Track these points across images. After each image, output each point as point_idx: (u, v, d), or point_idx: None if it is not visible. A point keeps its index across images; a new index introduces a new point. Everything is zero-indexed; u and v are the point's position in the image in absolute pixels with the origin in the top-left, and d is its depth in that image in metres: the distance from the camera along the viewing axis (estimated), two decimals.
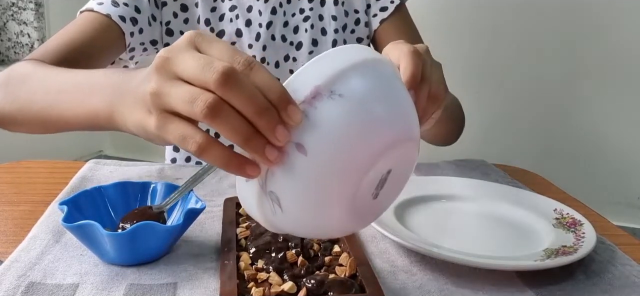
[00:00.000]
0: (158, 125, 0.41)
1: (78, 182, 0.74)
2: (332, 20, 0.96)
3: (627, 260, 0.59)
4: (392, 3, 0.97)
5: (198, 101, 0.37)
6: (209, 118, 0.37)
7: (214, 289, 0.50)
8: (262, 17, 0.93)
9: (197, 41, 0.41)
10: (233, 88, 0.37)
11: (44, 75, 0.66)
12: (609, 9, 2.13)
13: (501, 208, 0.69)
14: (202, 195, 0.70)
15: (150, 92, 0.41)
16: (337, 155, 0.38)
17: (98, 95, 0.53)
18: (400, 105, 0.42)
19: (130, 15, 0.84)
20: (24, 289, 0.48)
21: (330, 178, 0.39)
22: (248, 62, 0.39)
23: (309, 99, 0.38)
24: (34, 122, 0.65)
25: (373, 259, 0.57)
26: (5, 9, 2.47)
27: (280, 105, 0.37)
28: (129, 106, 0.46)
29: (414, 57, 0.53)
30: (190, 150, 0.39)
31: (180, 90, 0.39)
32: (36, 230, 0.60)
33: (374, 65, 0.41)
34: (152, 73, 0.41)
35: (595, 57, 2.18)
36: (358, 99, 0.39)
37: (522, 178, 0.85)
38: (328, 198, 0.40)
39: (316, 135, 0.38)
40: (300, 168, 0.38)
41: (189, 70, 0.39)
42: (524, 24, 2.24)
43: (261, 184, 0.40)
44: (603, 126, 2.23)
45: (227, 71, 0.37)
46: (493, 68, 2.30)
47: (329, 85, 0.38)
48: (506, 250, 0.59)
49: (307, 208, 0.40)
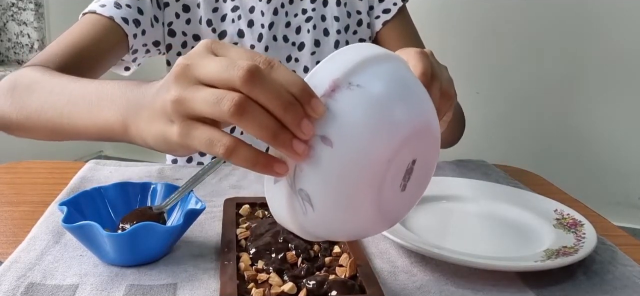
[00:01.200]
0: (182, 133, 0.41)
1: (78, 183, 0.74)
2: (334, 21, 0.96)
3: (627, 261, 0.59)
4: (394, 5, 0.97)
5: (224, 100, 0.38)
6: (237, 116, 0.38)
7: (214, 290, 0.50)
8: (264, 17, 0.92)
9: (214, 47, 0.42)
10: (258, 85, 0.38)
11: (52, 83, 0.65)
12: (609, 10, 2.13)
13: (501, 209, 0.69)
14: (202, 195, 0.70)
15: (171, 100, 0.41)
16: (361, 142, 0.39)
17: (110, 107, 0.52)
18: (417, 94, 0.43)
19: (133, 17, 0.84)
20: (23, 290, 0.48)
21: (357, 167, 0.39)
22: (268, 61, 0.39)
23: (329, 92, 0.39)
24: (43, 130, 0.65)
25: (373, 260, 0.57)
26: (5, 9, 2.47)
27: (304, 99, 0.38)
28: (146, 119, 0.46)
29: (423, 57, 0.54)
30: (218, 153, 0.40)
31: (204, 93, 0.39)
32: (36, 230, 0.59)
33: (388, 59, 0.43)
34: (171, 82, 0.41)
35: (595, 57, 2.18)
36: (376, 88, 0.40)
37: (523, 179, 0.85)
38: (357, 187, 0.40)
39: (339, 126, 0.39)
40: (328, 160, 0.39)
41: (212, 72, 0.39)
42: (525, 25, 2.24)
43: (290, 183, 0.40)
44: (603, 126, 2.23)
45: (251, 68, 0.38)
46: (493, 68, 2.30)
47: (346, 77, 0.40)
48: (507, 251, 0.59)
49: (337, 201, 0.40)
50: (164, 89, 0.43)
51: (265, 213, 0.63)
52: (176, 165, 0.84)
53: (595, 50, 2.18)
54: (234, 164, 0.40)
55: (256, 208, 0.64)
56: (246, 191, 0.74)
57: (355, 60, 0.41)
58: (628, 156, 2.22)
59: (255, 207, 0.65)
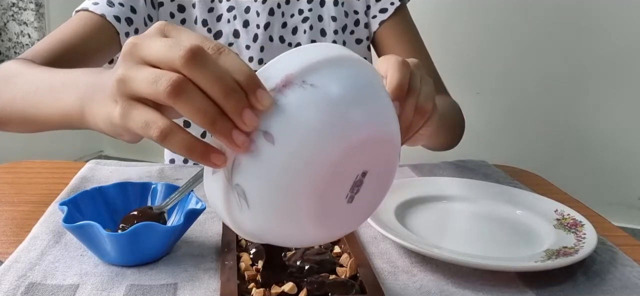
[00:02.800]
0: (122, 114, 0.40)
1: (78, 182, 0.74)
2: (331, 21, 0.95)
3: (627, 261, 0.59)
4: (392, 5, 0.96)
5: (162, 80, 0.36)
6: (173, 96, 0.36)
7: (215, 289, 0.50)
8: (259, 18, 0.92)
9: (166, 29, 0.40)
10: (199, 66, 0.36)
11: (28, 75, 0.64)
12: (608, 9, 2.13)
13: (502, 209, 0.69)
14: (202, 195, 0.70)
15: (116, 79, 0.40)
16: (305, 144, 0.37)
17: (71, 93, 0.51)
18: (376, 104, 0.40)
19: (126, 15, 0.83)
20: (24, 289, 0.48)
21: (297, 169, 0.37)
22: (218, 47, 0.38)
23: (280, 87, 0.37)
24: (15, 121, 0.64)
25: (373, 260, 0.57)
26: (6, 9, 2.47)
27: (249, 88, 0.36)
28: (98, 102, 0.45)
29: (402, 68, 0.52)
30: (152, 136, 0.38)
31: (145, 72, 0.38)
32: (36, 230, 0.59)
33: (352, 63, 0.40)
34: (120, 63, 0.40)
35: (596, 57, 2.18)
36: (331, 90, 0.38)
37: (523, 179, 0.85)
38: (295, 191, 0.38)
39: (285, 124, 0.37)
40: (267, 158, 0.37)
41: (154, 52, 0.38)
42: (525, 25, 2.24)
43: (227, 176, 0.38)
44: (604, 126, 2.23)
45: (194, 48, 0.36)
46: (493, 69, 2.30)
47: (301, 74, 0.37)
48: (507, 251, 0.59)
49: (273, 202, 0.38)
50: (112, 71, 0.42)
51: None
52: (176, 165, 0.84)
53: (595, 50, 2.18)
54: (169, 150, 0.39)
55: None
56: None
57: (316, 58, 0.38)
58: (628, 156, 2.22)
59: None
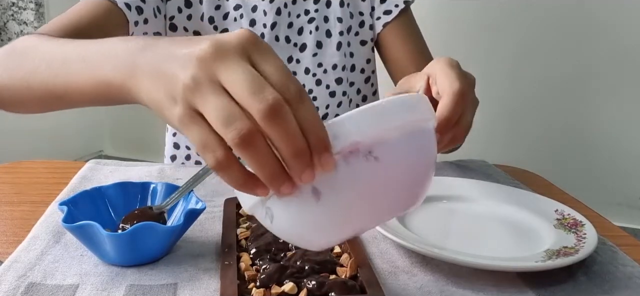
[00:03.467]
0: (181, 120, 0.38)
1: (78, 182, 0.74)
2: (337, 22, 0.95)
3: (628, 261, 0.59)
4: (396, 7, 0.96)
5: (232, 126, 0.35)
6: (239, 147, 0.35)
7: (215, 290, 0.50)
8: (266, 17, 0.92)
9: (251, 49, 0.38)
10: (276, 125, 0.35)
11: (48, 46, 0.60)
12: (609, 10, 2.13)
13: (502, 209, 0.69)
14: (202, 195, 0.70)
15: (184, 84, 0.37)
16: (346, 213, 0.39)
17: (111, 62, 0.47)
18: (422, 183, 0.43)
19: (136, 4, 0.82)
20: (24, 289, 0.48)
21: (328, 228, 0.40)
22: (299, 95, 0.36)
23: (346, 153, 0.37)
24: (33, 98, 0.61)
25: (374, 260, 0.57)
26: (6, 9, 2.47)
27: (317, 150, 0.36)
28: (150, 80, 0.42)
29: (458, 103, 0.56)
30: (206, 161, 0.37)
31: (218, 102, 0.36)
32: (36, 230, 0.59)
33: (418, 133, 0.41)
34: (193, 63, 0.37)
35: (596, 58, 2.18)
36: (390, 168, 0.39)
37: (523, 179, 0.85)
38: (316, 237, 0.41)
39: (337, 190, 0.38)
40: (306, 209, 0.38)
41: (236, 85, 0.36)
42: (526, 25, 2.24)
43: (262, 198, 0.40)
44: (604, 126, 2.23)
45: (275, 105, 0.34)
46: (494, 69, 2.30)
47: (369, 145, 0.37)
48: (507, 251, 0.59)
49: (295, 236, 0.42)
50: (182, 63, 0.38)
51: None
52: (176, 165, 0.84)
53: (596, 51, 2.18)
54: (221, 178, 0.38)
55: None
56: None
57: (386, 126, 0.38)
58: (629, 156, 2.22)
59: None
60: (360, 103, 0.99)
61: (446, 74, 0.59)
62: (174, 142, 0.97)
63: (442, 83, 0.59)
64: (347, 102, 0.97)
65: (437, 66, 0.62)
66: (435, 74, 0.62)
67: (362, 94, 0.99)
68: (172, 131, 0.98)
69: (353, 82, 0.97)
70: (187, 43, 0.40)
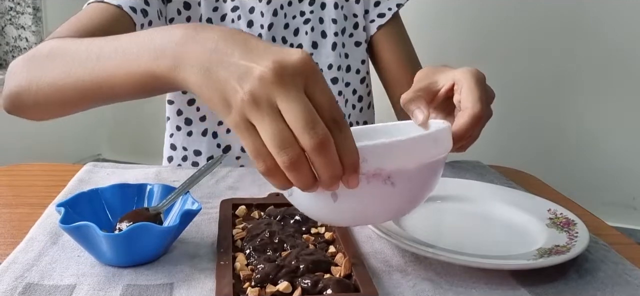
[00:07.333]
0: (237, 126, 0.42)
1: (76, 185, 0.74)
2: (332, 23, 0.96)
3: (619, 259, 0.59)
4: (389, 10, 0.97)
5: (284, 152, 0.40)
6: (287, 169, 0.41)
7: (210, 289, 0.50)
8: (263, 18, 0.93)
9: (308, 78, 0.42)
10: (322, 156, 0.41)
11: (75, 46, 0.62)
12: (602, 9, 2.13)
13: (496, 209, 0.70)
14: (199, 196, 0.70)
15: (243, 98, 0.41)
16: (355, 214, 0.47)
17: (151, 54, 0.50)
18: (425, 197, 0.51)
19: (141, 6, 0.83)
20: (21, 290, 0.49)
21: (335, 218, 0.49)
22: (343, 124, 0.42)
23: (370, 175, 0.43)
24: (64, 97, 0.61)
25: (368, 259, 0.57)
26: (3, 13, 2.47)
27: (348, 171, 0.42)
28: (200, 76, 0.45)
29: (474, 126, 0.60)
30: (256, 166, 0.42)
31: (274, 126, 0.41)
32: (34, 231, 0.60)
33: (434, 164, 0.48)
34: (253, 81, 0.41)
35: (590, 57, 2.19)
36: (404, 193, 0.46)
37: (517, 179, 0.85)
38: (322, 218, 0.52)
39: (352, 199, 0.45)
40: (322, 203, 0.46)
41: (292, 115, 0.40)
42: (518, 25, 2.24)
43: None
44: (598, 127, 2.23)
45: (324, 141, 0.40)
46: (487, 69, 2.29)
47: (390, 172, 0.44)
48: (500, 250, 0.60)
49: (304, 211, 0.50)
50: (238, 73, 0.42)
51: (261, 214, 0.64)
52: (173, 167, 0.84)
53: (589, 50, 2.18)
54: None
55: (252, 209, 0.65)
56: (242, 193, 0.74)
57: (414, 162, 0.45)
58: (622, 156, 2.22)
59: (252, 208, 0.65)
60: (356, 104, 1.00)
61: (471, 90, 0.62)
62: (171, 143, 0.98)
63: (465, 99, 0.61)
64: (342, 102, 0.97)
65: (465, 77, 0.64)
66: (461, 84, 0.64)
67: (358, 94, 1.00)
68: (170, 132, 0.98)
69: (348, 82, 0.98)
70: (243, 49, 0.43)
